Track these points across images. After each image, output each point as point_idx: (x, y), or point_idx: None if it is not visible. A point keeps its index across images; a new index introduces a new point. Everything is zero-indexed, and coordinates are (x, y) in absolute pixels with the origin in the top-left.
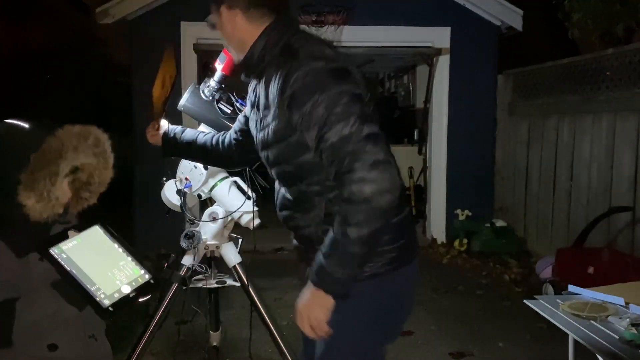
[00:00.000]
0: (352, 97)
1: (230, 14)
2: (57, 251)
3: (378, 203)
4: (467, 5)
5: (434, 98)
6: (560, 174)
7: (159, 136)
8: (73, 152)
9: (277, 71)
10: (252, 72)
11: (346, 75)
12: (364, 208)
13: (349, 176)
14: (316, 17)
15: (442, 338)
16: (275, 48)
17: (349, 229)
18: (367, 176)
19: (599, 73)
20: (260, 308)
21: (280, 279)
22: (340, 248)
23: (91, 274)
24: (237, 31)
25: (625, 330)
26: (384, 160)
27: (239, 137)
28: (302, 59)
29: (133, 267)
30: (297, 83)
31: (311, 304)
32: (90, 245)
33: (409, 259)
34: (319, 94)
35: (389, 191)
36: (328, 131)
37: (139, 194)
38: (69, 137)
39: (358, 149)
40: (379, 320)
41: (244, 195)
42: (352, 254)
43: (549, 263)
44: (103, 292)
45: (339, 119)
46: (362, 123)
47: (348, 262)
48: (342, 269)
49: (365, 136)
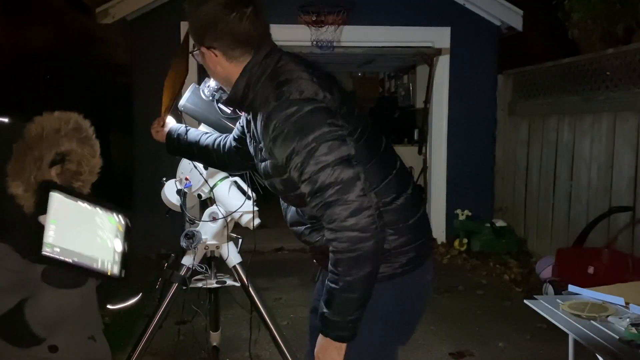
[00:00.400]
0: (330, 140)
1: (210, 53)
2: (49, 248)
3: (361, 250)
4: (467, 5)
5: (434, 98)
6: (560, 174)
7: (163, 133)
8: (55, 134)
9: (260, 111)
10: (239, 108)
11: (324, 116)
12: (347, 257)
13: (329, 227)
14: (316, 17)
15: (442, 338)
16: (257, 84)
17: (339, 279)
18: (346, 225)
19: (599, 73)
20: (260, 308)
21: (280, 279)
22: (337, 296)
23: (87, 251)
24: (220, 69)
25: (625, 330)
26: (364, 206)
27: (238, 145)
28: (282, 101)
29: (108, 218)
30: (276, 130)
31: (325, 349)
32: (65, 219)
33: (425, 259)
34: (297, 141)
35: (371, 237)
36: (306, 180)
37: (139, 194)
38: (48, 121)
39: (336, 199)
40: (395, 322)
41: (244, 195)
42: (349, 300)
43: (549, 263)
44: (108, 262)
45: (316, 169)
46: (341, 168)
47: (348, 308)
48: (343, 316)
49: (344, 183)
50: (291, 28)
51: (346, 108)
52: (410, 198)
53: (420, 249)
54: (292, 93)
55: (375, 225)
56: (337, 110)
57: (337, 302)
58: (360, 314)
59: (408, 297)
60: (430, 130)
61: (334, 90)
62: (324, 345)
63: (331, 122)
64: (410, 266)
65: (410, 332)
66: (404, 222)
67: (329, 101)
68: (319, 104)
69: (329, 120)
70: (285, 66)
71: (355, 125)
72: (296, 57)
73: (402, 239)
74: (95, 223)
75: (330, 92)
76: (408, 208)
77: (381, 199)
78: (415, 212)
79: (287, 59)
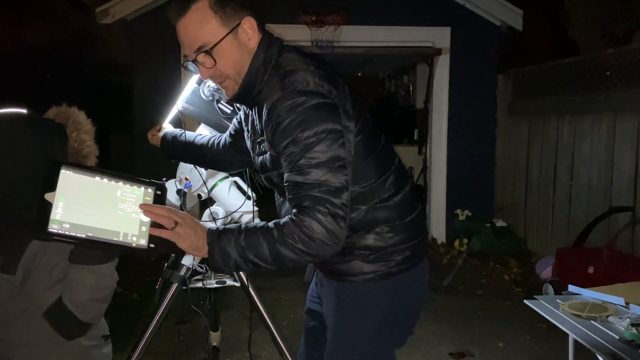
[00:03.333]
0: (330, 139)
1: (231, 41)
2: (56, 225)
3: (318, 248)
4: (467, 5)
5: (434, 98)
6: (560, 174)
7: (159, 137)
8: None
9: (264, 102)
10: (245, 102)
11: (328, 112)
12: (306, 242)
13: (304, 212)
14: (316, 17)
15: (442, 338)
16: (265, 75)
17: (281, 239)
18: (321, 223)
19: (599, 73)
20: (260, 308)
21: (280, 279)
22: (262, 240)
23: (106, 225)
24: (237, 53)
25: (625, 330)
26: (341, 215)
27: (234, 140)
28: (288, 92)
29: (133, 190)
30: (279, 119)
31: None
32: (76, 195)
33: (420, 259)
34: (298, 132)
35: (334, 245)
36: (296, 171)
37: None
38: None
39: (322, 198)
40: (390, 322)
41: (244, 195)
42: (261, 252)
43: (549, 263)
44: (132, 235)
45: (310, 164)
46: (334, 171)
47: (251, 253)
48: (239, 253)
49: (333, 186)
50: (291, 28)
51: (349, 104)
52: (408, 196)
53: (417, 248)
54: (297, 84)
55: (342, 237)
56: (341, 107)
57: (255, 241)
58: (243, 267)
59: (403, 297)
60: (430, 130)
61: (339, 85)
62: (196, 231)
63: (335, 121)
64: (405, 265)
65: (407, 334)
66: (401, 219)
67: (334, 96)
68: (325, 99)
69: (333, 118)
70: (289, 57)
71: (355, 121)
72: (301, 51)
73: (398, 236)
74: (116, 196)
75: (336, 86)
76: (405, 206)
77: (378, 195)
78: (412, 210)
79: (291, 50)
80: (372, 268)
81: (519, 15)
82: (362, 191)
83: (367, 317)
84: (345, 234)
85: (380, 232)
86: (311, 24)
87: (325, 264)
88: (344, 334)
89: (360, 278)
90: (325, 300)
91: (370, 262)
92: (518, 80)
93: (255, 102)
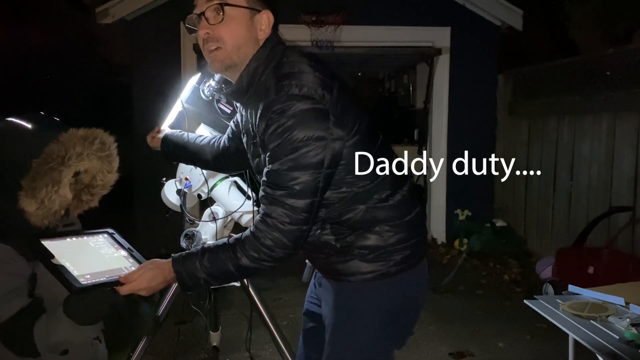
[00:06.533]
0: (315, 147)
1: (245, 17)
2: (82, 279)
3: (278, 256)
4: (467, 5)
5: (434, 98)
6: (560, 174)
7: (159, 139)
8: (77, 158)
9: (259, 102)
10: (241, 99)
11: (317, 118)
12: (266, 253)
13: (266, 218)
14: (316, 17)
15: (442, 338)
16: (263, 75)
17: (243, 261)
18: (281, 228)
19: (599, 73)
20: (260, 308)
21: (280, 279)
22: (223, 260)
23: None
24: (242, 32)
25: (625, 330)
26: (306, 220)
27: (232, 142)
28: (280, 95)
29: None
30: (270, 121)
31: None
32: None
33: (419, 259)
34: (286, 135)
35: (293, 249)
36: (276, 170)
37: (139, 194)
38: (72, 142)
39: (289, 201)
40: (389, 323)
41: (244, 195)
42: (226, 269)
43: (549, 263)
44: (130, 266)
45: (292, 165)
46: (312, 177)
47: (217, 272)
48: (206, 273)
49: (305, 191)
50: (291, 28)
51: (342, 107)
52: (406, 195)
53: (416, 247)
54: (291, 87)
55: (300, 244)
56: (333, 113)
57: (217, 260)
58: (213, 284)
59: (402, 297)
60: (430, 130)
61: (334, 89)
62: (156, 273)
63: (323, 128)
64: (404, 265)
65: (406, 335)
66: (400, 218)
67: (327, 102)
68: (316, 105)
69: (321, 125)
70: (289, 58)
71: (351, 124)
72: (300, 51)
73: (397, 235)
74: (91, 247)
75: (330, 91)
76: (405, 205)
77: (376, 195)
78: (411, 209)
79: (292, 52)
80: (371, 268)
81: (519, 15)
82: (360, 191)
83: (366, 317)
84: (306, 237)
85: (380, 232)
86: (311, 24)
87: (324, 264)
88: (343, 334)
89: (359, 278)
90: (324, 300)
91: (369, 261)
92: (518, 80)
93: (250, 101)
